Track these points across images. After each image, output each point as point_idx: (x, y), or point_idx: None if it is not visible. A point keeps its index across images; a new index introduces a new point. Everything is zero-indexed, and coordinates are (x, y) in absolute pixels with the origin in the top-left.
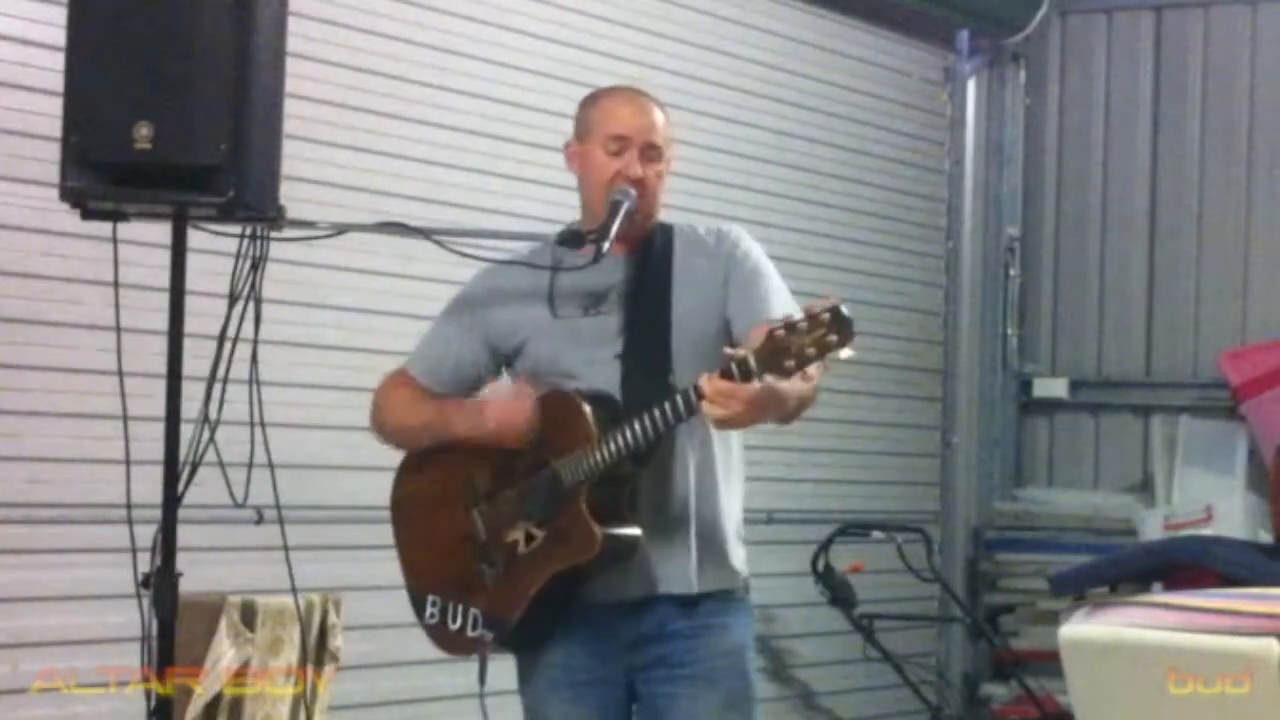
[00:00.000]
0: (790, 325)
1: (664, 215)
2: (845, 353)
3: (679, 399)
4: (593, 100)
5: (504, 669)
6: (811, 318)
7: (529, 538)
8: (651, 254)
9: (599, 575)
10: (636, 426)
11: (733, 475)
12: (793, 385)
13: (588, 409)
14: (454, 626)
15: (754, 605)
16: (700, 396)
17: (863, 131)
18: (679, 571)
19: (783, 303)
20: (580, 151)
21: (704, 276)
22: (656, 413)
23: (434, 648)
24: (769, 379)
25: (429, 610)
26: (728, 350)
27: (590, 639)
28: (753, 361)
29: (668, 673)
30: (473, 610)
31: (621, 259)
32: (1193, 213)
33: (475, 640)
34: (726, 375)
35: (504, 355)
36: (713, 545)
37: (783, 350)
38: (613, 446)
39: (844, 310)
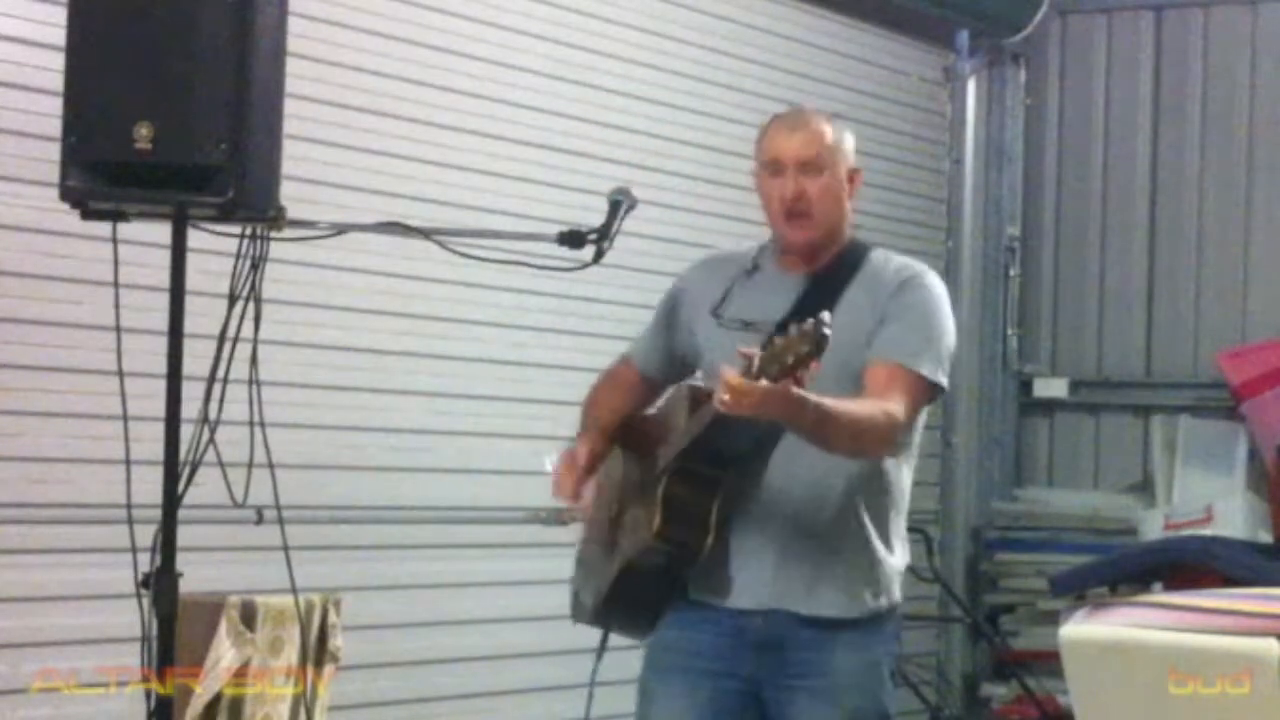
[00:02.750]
0: (783, 333)
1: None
2: (812, 367)
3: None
4: (762, 129)
5: (521, 666)
6: (799, 326)
7: (633, 521)
8: (831, 277)
9: (712, 576)
10: (698, 415)
11: (883, 492)
12: (814, 398)
13: (687, 401)
14: (581, 596)
15: None
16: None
17: (863, 131)
18: (811, 592)
19: (918, 352)
20: (757, 177)
21: (863, 309)
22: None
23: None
24: (780, 383)
25: (578, 575)
26: (739, 348)
27: (716, 633)
28: (755, 364)
29: (789, 682)
30: (591, 581)
31: (801, 277)
32: (1193, 213)
33: (583, 609)
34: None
35: (699, 351)
36: (840, 570)
37: (772, 358)
38: (686, 431)
39: (824, 326)
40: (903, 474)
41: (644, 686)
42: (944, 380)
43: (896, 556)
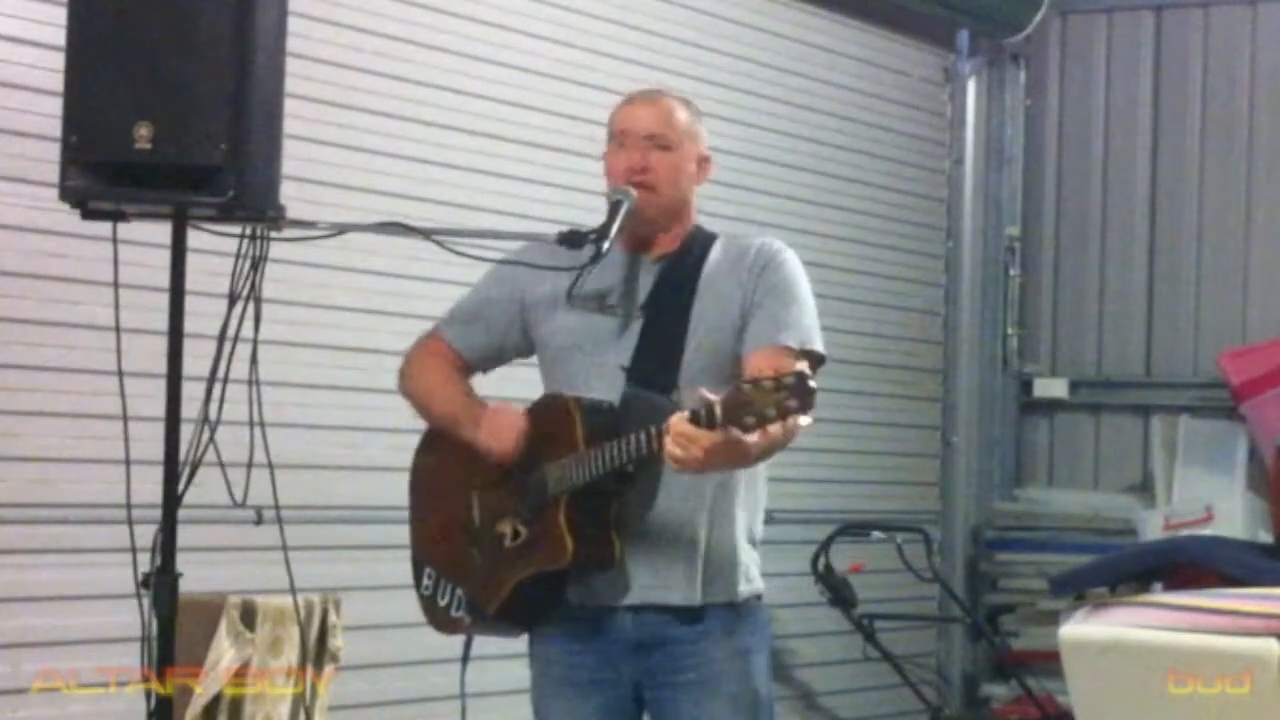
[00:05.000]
0: (755, 382)
1: (708, 224)
2: (804, 420)
3: (644, 435)
4: (615, 108)
5: (501, 668)
6: (776, 379)
7: (515, 534)
8: (683, 263)
9: (591, 579)
10: (618, 448)
11: (747, 490)
12: (758, 437)
13: (579, 419)
14: (442, 603)
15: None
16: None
17: (863, 131)
18: (676, 583)
19: (798, 329)
20: (605, 156)
21: (727, 292)
22: (632, 439)
23: (427, 623)
24: (733, 431)
25: (425, 581)
26: (701, 393)
27: (594, 640)
28: (719, 411)
29: (671, 678)
30: (459, 591)
31: (652, 264)
32: (1193, 212)
33: (457, 620)
34: (695, 419)
35: (532, 339)
36: (715, 559)
37: (745, 405)
38: (595, 463)
39: (809, 379)
40: (764, 473)
41: (537, 705)
42: (823, 349)
43: (757, 542)
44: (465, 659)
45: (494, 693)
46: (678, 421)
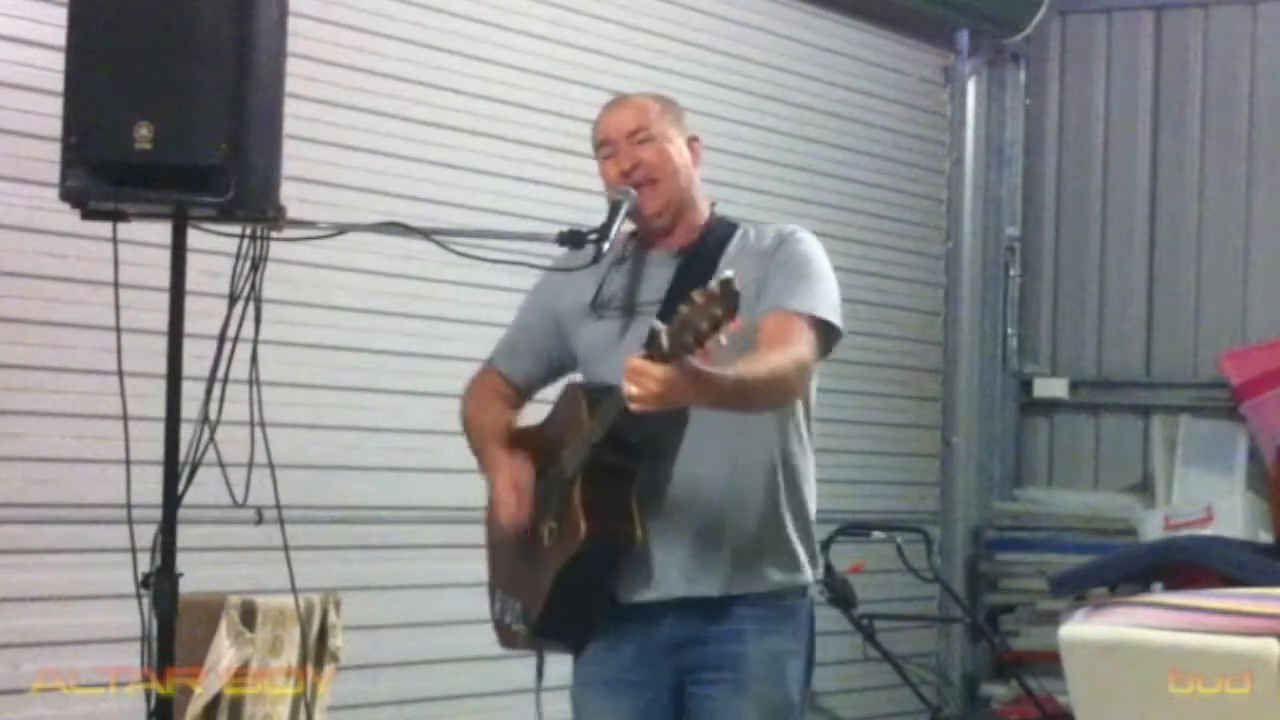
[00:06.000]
0: (688, 301)
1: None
2: (730, 326)
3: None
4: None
5: (521, 666)
6: (705, 292)
7: (550, 531)
8: (702, 252)
9: (622, 566)
10: (606, 408)
11: (791, 477)
12: (729, 369)
13: (584, 400)
14: (506, 621)
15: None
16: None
17: (863, 131)
18: (705, 574)
19: (808, 297)
20: (601, 173)
21: (746, 278)
22: (611, 397)
23: (497, 644)
24: (684, 359)
25: (495, 605)
26: (652, 323)
27: (635, 639)
28: (665, 340)
29: (709, 676)
30: (516, 604)
31: (672, 257)
32: (1193, 213)
33: (516, 633)
34: (649, 353)
35: (571, 347)
36: (751, 549)
37: (684, 327)
38: (591, 432)
39: (733, 284)
40: (809, 459)
41: (575, 701)
42: (837, 320)
43: (809, 538)
44: (539, 674)
45: (531, 690)
46: (630, 357)
